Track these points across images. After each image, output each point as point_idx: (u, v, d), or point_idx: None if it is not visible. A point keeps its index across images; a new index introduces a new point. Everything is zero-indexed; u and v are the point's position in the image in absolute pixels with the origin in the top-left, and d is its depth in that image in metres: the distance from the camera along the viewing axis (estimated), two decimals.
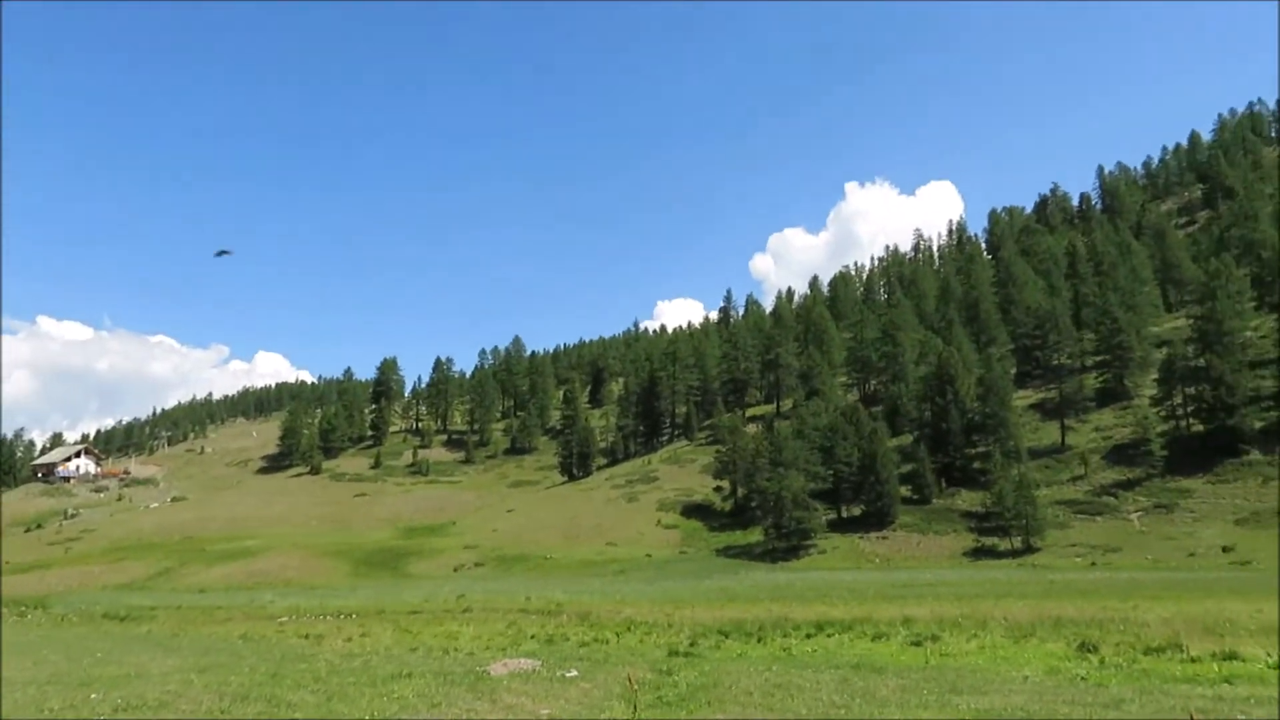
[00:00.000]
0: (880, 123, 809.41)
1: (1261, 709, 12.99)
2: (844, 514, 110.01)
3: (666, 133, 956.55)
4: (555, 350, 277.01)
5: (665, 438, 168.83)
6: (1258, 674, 16.14)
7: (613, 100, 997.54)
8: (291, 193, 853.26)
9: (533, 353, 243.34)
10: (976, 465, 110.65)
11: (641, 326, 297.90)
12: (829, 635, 26.11)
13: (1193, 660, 17.98)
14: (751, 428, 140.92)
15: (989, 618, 28.75)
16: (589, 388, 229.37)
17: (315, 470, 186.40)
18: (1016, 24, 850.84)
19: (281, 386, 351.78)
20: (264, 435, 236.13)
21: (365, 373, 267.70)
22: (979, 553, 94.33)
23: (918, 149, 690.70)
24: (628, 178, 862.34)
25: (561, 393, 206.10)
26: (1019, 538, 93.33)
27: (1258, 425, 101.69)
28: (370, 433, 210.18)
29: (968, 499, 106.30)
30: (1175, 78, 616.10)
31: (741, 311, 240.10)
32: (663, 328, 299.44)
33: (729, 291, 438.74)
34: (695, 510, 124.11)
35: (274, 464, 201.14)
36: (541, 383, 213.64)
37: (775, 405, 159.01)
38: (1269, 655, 17.83)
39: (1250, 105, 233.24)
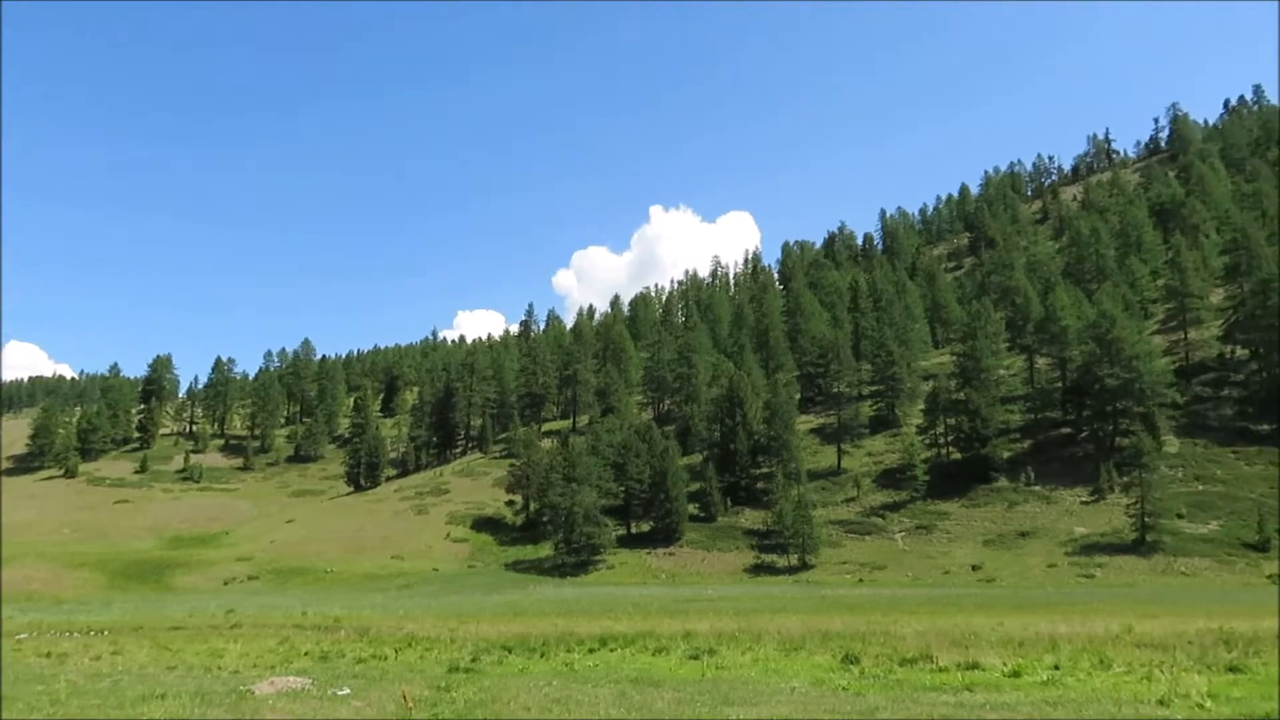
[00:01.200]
0: (687, 150, 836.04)
1: (994, 713, 14.21)
2: (633, 530, 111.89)
3: (473, 143, 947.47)
4: (348, 356, 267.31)
5: (459, 450, 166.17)
6: (994, 681, 17.65)
7: (427, 102, 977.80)
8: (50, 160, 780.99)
9: (323, 357, 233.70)
10: (760, 485, 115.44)
11: (440, 336, 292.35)
12: (612, 650, 26.43)
13: (941, 670, 19.44)
14: (547, 442, 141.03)
15: (764, 632, 29.99)
16: (382, 396, 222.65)
17: (70, 473, 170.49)
18: (813, 76, 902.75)
19: (36, 381, 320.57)
20: (13, 433, 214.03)
21: (135, 370, 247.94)
22: (759, 569, 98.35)
23: (721, 179, 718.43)
24: (430, 184, 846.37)
25: (352, 400, 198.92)
26: (796, 555, 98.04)
27: (1005, 455, 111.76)
28: (137, 435, 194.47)
29: (751, 517, 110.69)
30: (950, 133, 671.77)
31: (542, 326, 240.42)
32: (462, 338, 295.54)
33: (531, 305, 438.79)
34: (486, 524, 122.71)
35: (22, 465, 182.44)
36: (331, 388, 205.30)
37: (571, 421, 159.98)
38: (1004, 664, 19.56)
39: (1011, 165, 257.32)
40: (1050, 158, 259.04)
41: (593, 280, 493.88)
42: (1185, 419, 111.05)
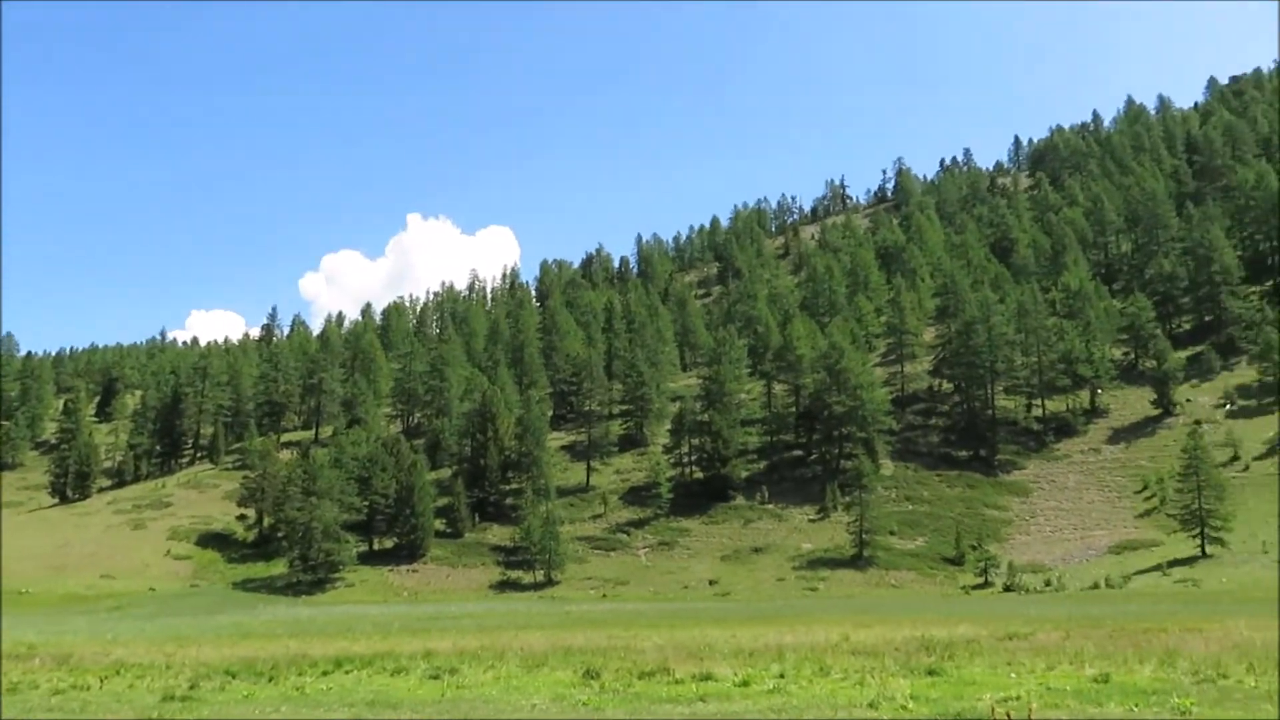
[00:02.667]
0: (447, 160, 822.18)
1: None
2: (376, 546, 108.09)
3: (212, 133, 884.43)
4: (58, 354, 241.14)
5: (186, 460, 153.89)
6: (725, 691, 18.52)
7: (158, 87, 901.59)
8: None
9: (28, 354, 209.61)
10: (510, 501, 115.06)
11: (170, 336, 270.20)
12: (347, 672, 25.31)
13: (677, 682, 20.15)
14: (286, 454, 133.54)
15: (507, 649, 29.84)
16: (97, 399, 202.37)
17: None
18: (581, 96, 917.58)
19: None
20: None
21: None
22: (505, 585, 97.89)
23: (482, 192, 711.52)
24: (159, 171, 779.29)
25: (62, 402, 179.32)
26: (542, 571, 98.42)
27: (744, 475, 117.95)
28: None
29: (499, 534, 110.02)
30: (709, 165, 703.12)
31: (286, 331, 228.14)
32: (195, 340, 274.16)
33: (274, 309, 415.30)
34: (214, 540, 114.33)
35: None
36: (36, 389, 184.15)
37: (314, 432, 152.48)
38: (736, 675, 20.56)
39: (758, 201, 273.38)
40: (793, 198, 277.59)
41: (344, 286, 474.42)
42: (899, 444, 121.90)
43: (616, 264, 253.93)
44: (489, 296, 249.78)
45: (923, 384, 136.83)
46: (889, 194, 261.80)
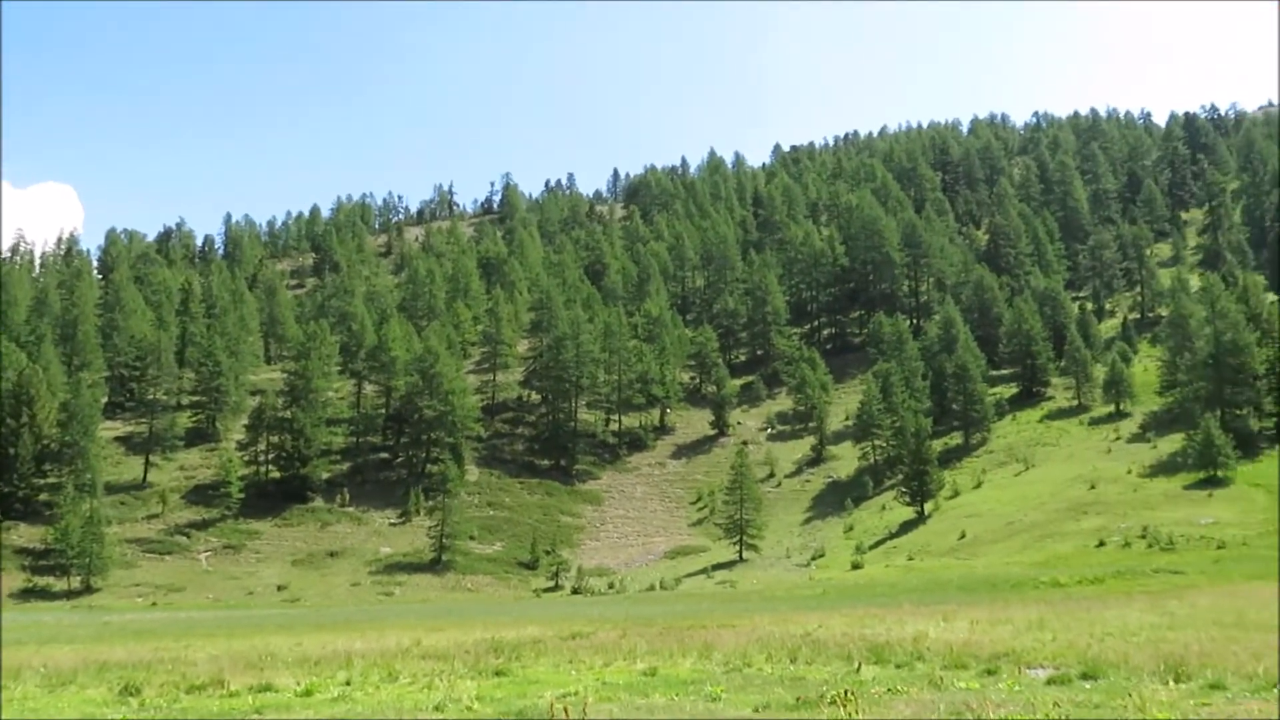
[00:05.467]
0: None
1: None
2: None
3: None
4: None
5: None
6: (285, 702, 17.60)
7: None
8: None
9: None
10: (45, 497, 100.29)
11: None
12: None
13: (232, 694, 18.78)
14: None
15: (26, 666, 25.92)
16: None
17: None
18: (176, 63, 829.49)
19: None
20: None
21: None
22: (29, 593, 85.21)
23: (40, 139, 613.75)
24: None
25: None
26: (79, 577, 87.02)
27: (325, 476, 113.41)
28: None
29: (27, 534, 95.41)
30: (313, 147, 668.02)
31: None
32: None
33: None
34: None
35: None
36: None
37: None
38: (298, 684, 19.63)
39: (364, 196, 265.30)
40: (400, 197, 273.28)
41: None
42: (486, 451, 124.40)
43: (200, 243, 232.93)
44: (38, 262, 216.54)
45: (513, 393, 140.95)
46: (495, 207, 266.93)
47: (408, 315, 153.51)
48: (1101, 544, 74.07)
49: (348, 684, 19.89)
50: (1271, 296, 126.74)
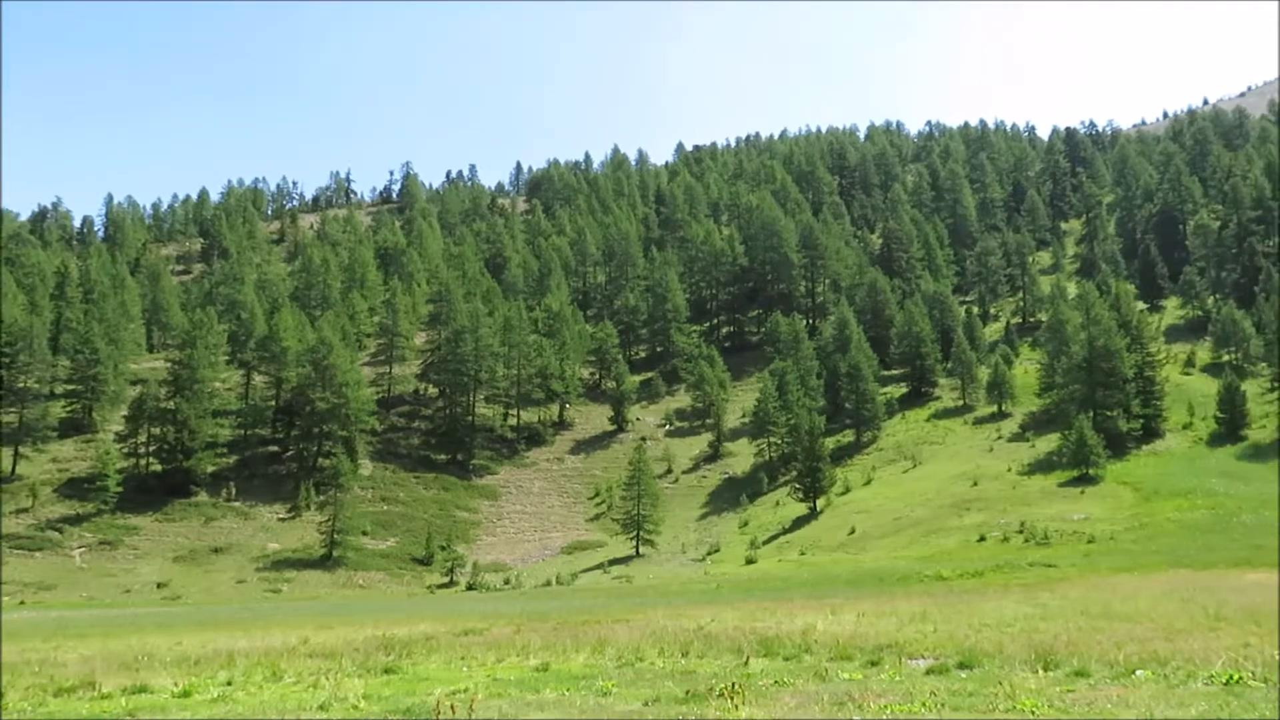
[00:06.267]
0: None
1: None
2: None
3: None
4: None
5: None
6: (162, 704, 16.94)
7: None
8: None
9: None
10: None
11: None
12: None
13: (104, 696, 18.01)
14: None
15: None
16: None
17: None
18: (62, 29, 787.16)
19: None
20: None
21: None
22: None
23: None
24: None
25: None
26: None
27: (210, 469, 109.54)
28: None
29: None
30: (202, 130, 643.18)
31: None
32: None
33: None
34: None
35: None
36: None
37: None
38: (176, 685, 18.93)
39: (256, 181, 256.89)
40: (295, 183, 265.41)
41: None
42: (381, 445, 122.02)
43: (78, 224, 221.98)
44: None
45: (409, 387, 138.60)
46: (395, 196, 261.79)
47: (301, 305, 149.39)
48: (982, 539, 77.07)
49: (229, 684, 19.30)
50: (1141, 305, 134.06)
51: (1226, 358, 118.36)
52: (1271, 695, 13.00)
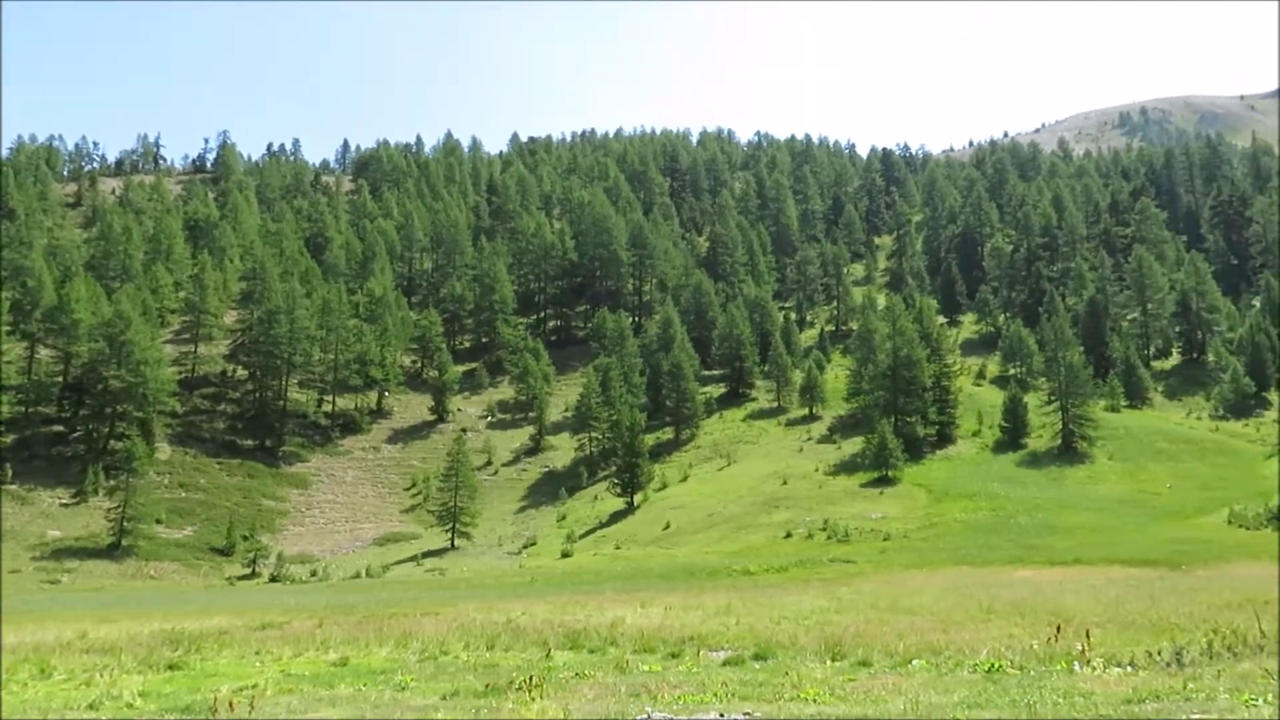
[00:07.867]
0: None
1: None
2: None
3: None
4: None
5: None
6: None
7: None
8: None
9: None
10: None
11: None
12: None
13: None
14: None
15: None
16: None
17: None
18: None
19: None
20: None
21: None
22: None
23: None
24: None
25: None
26: None
27: None
28: None
29: None
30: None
31: None
32: None
33: None
34: None
35: None
36: None
37: None
38: None
39: (51, 138, 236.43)
40: (95, 144, 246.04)
41: None
42: (181, 428, 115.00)
43: None
44: None
45: (216, 368, 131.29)
46: (209, 166, 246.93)
47: (97, 275, 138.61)
48: (789, 535, 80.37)
49: None
50: (941, 319, 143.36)
51: (1013, 371, 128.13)
52: (1025, 682, 14.23)
